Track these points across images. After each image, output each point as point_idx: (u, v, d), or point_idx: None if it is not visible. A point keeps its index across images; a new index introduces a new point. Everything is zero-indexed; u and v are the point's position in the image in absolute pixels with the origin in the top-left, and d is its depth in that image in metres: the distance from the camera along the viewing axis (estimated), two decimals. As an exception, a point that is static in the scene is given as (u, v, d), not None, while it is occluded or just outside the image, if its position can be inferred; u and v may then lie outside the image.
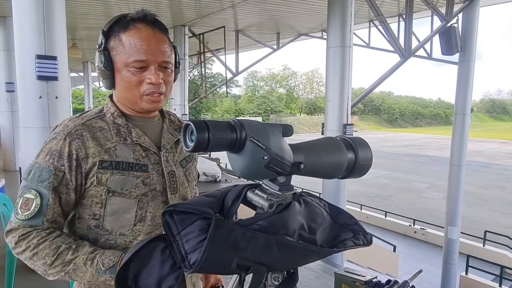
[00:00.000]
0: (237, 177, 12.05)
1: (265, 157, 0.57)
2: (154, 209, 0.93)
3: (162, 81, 0.91)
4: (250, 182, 0.69)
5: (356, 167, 0.70)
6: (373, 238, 0.77)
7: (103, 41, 0.91)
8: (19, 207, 0.84)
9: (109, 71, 0.90)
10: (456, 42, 6.69)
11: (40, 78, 2.82)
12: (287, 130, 0.62)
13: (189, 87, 9.28)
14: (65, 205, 0.88)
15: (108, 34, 0.91)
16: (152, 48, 0.88)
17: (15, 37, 2.88)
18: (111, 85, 0.93)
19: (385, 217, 13.26)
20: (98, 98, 26.71)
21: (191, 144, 0.56)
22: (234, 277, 0.69)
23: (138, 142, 0.93)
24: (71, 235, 0.93)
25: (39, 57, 2.80)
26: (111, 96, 0.98)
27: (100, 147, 0.89)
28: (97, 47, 0.92)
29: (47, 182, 0.84)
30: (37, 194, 0.84)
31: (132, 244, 0.90)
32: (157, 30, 0.91)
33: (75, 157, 0.86)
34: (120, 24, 0.90)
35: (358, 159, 0.70)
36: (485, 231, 10.75)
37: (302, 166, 0.62)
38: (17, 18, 2.84)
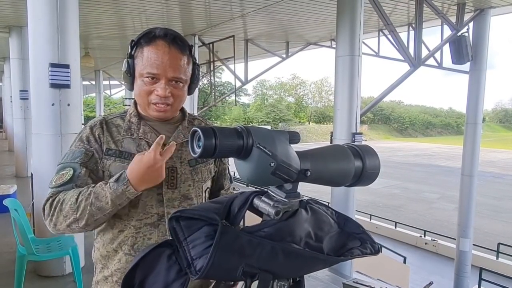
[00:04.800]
0: (245, 185, 12.02)
1: (272, 164, 0.57)
2: (146, 198, 1.00)
3: (170, 95, 0.99)
4: (257, 189, 0.69)
5: (364, 175, 0.70)
6: (383, 249, 0.76)
7: (129, 49, 1.01)
8: (54, 180, 0.98)
9: (130, 76, 1.01)
10: (467, 51, 6.63)
11: (53, 85, 2.89)
12: (294, 137, 0.62)
13: (198, 96, 9.36)
14: (95, 181, 0.99)
15: (135, 44, 1.01)
16: (165, 64, 0.96)
17: (30, 45, 2.95)
18: (131, 88, 1.05)
19: (395, 227, 13.05)
20: (109, 106, 27.08)
21: (198, 150, 0.56)
22: (240, 284, 0.68)
23: (143, 138, 1.03)
24: None
25: (52, 65, 2.86)
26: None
27: (110, 138, 1.02)
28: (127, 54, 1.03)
29: (79, 159, 0.99)
30: (70, 169, 0.97)
31: (127, 228, 1.00)
32: (174, 48, 0.98)
33: (98, 140, 1.01)
34: (145, 37, 0.99)
35: (366, 167, 0.69)
36: (498, 244, 10.50)
37: (308, 173, 0.62)
38: (32, 27, 2.92)
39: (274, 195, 0.63)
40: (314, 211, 0.68)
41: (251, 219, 0.77)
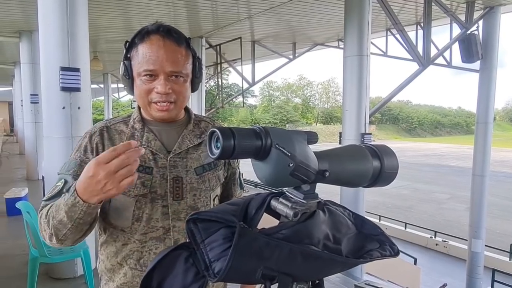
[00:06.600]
0: (253, 186, 11.99)
1: (290, 165, 0.56)
2: (151, 211, 0.95)
3: (171, 91, 0.93)
4: (273, 190, 0.68)
5: (382, 176, 0.68)
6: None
7: (125, 51, 0.97)
8: (48, 192, 0.95)
9: (128, 79, 0.96)
10: (476, 50, 6.55)
11: (64, 89, 2.92)
12: (312, 138, 0.61)
13: (205, 97, 9.40)
14: None
15: (130, 45, 0.96)
16: (161, 59, 0.91)
17: (41, 50, 2.99)
18: (131, 92, 0.98)
19: (405, 228, 12.93)
20: (117, 108, 27.32)
21: (216, 151, 0.55)
22: (258, 287, 0.67)
23: (146, 147, 0.97)
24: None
25: (63, 69, 2.89)
26: None
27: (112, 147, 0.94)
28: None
29: (72, 171, 0.95)
30: (63, 181, 0.94)
31: (130, 241, 0.95)
32: (169, 41, 0.92)
33: (95, 150, 0.96)
34: (139, 36, 0.94)
35: (384, 167, 0.68)
36: (511, 244, 10.33)
37: (327, 174, 0.61)
38: (43, 32, 2.96)
39: (292, 196, 0.62)
40: (332, 212, 0.67)
41: (262, 221, 0.76)
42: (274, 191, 0.67)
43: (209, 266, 0.58)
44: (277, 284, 0.57)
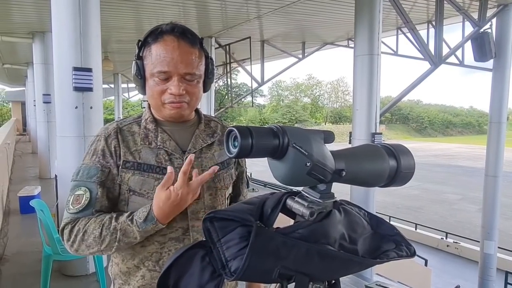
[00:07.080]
0: (263, 186, 11.99)
1: (308, 164, 0.56)
2: None
3: (184, 92, 0.93)
4: (288, 189, 0.68)
5: (398, 175, 0.68)
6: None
7: (137, 50, 0.96)
8: (70, 203, 0.92)
9: (141, 79, 0.96)
10: (489, 48, 6.44)
11: (76, 89, 2.95)
12: (329, 137, 0.61)
13: (215, 97, 9.42)
14: (112, 199, 0.96)
15: (142, 44, 0.96)
16: (175, 60, 0.91)
17: (54, 50, 3.03)
18: (143, 91, 0.98)
19: (415, 229, 12.78)
20: (127, 108, 27.57)
21: (234, 150, 0.55)
22: (274, 286, 0.67)
23: (162, 147, 0.97)
24: None
25: (75, 69, 2.93)
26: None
27: (127, 149, 0.96)
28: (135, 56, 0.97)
29: (95, 177, 0.93)
30: (87, 190, 0.92)
31: (149, 243, 0.95)
32: (184, 42, 0.92)
33: (114, 154, 0.95)
34: (152, 35, 0.94)
35: (401, 167, 0.67)
36: (525, 246, 10.14)
37: (343, 173, 0.60)
38: (56, 33, 3.00)
39: (308, 195, 0.62)
40: (347, 212, 0.67)
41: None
42: (290, 190, 0.67)
43: (226, 265, 0.58)
44: (293, 283, 0.57)
